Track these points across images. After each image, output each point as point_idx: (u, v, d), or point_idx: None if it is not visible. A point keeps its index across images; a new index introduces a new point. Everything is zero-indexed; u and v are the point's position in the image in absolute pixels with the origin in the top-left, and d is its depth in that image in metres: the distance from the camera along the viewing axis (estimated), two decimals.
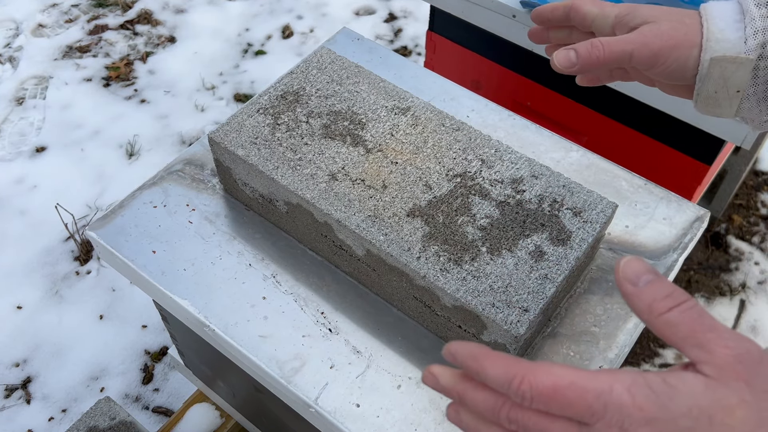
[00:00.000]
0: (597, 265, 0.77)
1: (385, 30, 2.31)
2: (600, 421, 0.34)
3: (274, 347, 0.71)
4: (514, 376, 0.35)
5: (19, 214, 1.79)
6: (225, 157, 0.78)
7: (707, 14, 0.50)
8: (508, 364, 0.36)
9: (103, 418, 1.02)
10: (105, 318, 1.59)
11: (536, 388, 0.35)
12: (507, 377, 0.35)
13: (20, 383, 1.50)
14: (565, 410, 0.34)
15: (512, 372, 0.35)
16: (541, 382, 0.34)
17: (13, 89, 2.11)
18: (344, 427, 0.65)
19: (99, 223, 0.80)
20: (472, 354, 0.37)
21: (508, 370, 0.36)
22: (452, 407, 0.40)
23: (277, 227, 0.81)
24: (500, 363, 0.36)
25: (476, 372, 0.37)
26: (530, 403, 0.35)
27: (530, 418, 0.36)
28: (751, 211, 1.88)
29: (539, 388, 0.34)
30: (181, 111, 2.04)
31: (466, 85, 0.96)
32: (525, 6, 1.10)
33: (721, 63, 0.49)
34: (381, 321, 0.73)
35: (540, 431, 0.36)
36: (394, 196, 0.72)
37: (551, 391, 0.34)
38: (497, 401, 0.37)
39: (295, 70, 0.84)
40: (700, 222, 0.82)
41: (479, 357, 0.37)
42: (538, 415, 0.35)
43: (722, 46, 0.48)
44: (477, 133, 0.78)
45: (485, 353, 0.37)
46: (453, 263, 0.67)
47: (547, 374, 0.35)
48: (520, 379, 0.35)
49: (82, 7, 2.38)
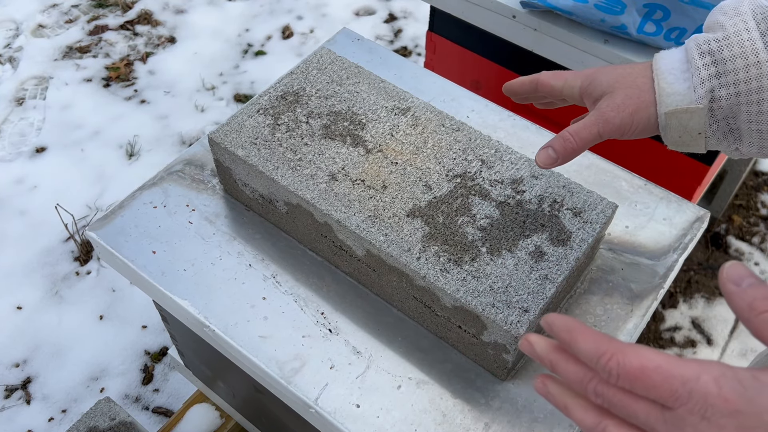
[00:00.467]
0: (597, 265, 0.77)
1: (385, 30, 2.31)
2: (683, 407, 0.34)
3: (274, 348, 0.71)
4: (605, 352, 0.36)
5: (19, 214, 1.79)
6: (225, 157, 0.78)
7: (657, 69, 0.54)
8: (599, 339, 0.37)
9: (103, 418, 1.02)
10: (105, 318, 1.59)
11: (623, 366, 0.35)
12: (597, 352, 0.37)
13: (20, 383, 1.50)
14: (650, 391, 0.35)
15: (603, 348, 0.36)
16: (629, 362, 0.35)
17: (13, 89, 2.11)
18: (344, 427, 0.65)
19: (99, 223, 0.80)
20: (567, 326, 0.39)
21: (598, 345, 0.37)
22: (540, 380, 0.41)
23: (277, 228, 0.81)
24: (592, 338, 0.37)
25: (569, 344, 0.38)
26: (616, 380, 0.36)
27: (615, 394, 0.37)
28: (751, 211, 1.88)
29: (626, 367, 0.35)
30: (181, 111, 2.04)
31: (466, 86, 0.96)
32: (525, 6, 1.10)
33: (676, 115, 0.53)
34: (381, 321, 0.73)
35: (624, 408, 0.36)
36: (394, 196, 0.72)
37: (638, 372, 0.35)
38: (586, 374, 0.38)
39: (295, 71, 0.84)
40: (700, 222, 0.82)
41: (573, 330, 0.38)
42: (624, 392, 0.36)
43: (674, 100, 0.52)
44: (477, 133, 0.78)
45: (579, 328, 0.38)
46: (453, 264, 0.67)
47: (636, 355, 0.35)
48: (609, 355, 0.36)
49: (82, 8, 2.38)
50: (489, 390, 0.68)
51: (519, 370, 0.69)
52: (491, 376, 0.69)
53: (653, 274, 0.77)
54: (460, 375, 0.69)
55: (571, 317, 0.39)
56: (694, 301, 1.68)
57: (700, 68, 0.51)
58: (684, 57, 0.53)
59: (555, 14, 1.09)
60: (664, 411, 0.35)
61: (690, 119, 0.53)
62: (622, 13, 1.00)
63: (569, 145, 0.57)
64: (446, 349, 0.71)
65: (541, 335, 0.41)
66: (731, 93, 0.50)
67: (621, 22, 1.01)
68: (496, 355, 0.67)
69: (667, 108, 0.53)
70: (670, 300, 1.69)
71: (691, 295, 1.70)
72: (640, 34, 1.01)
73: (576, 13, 1.03)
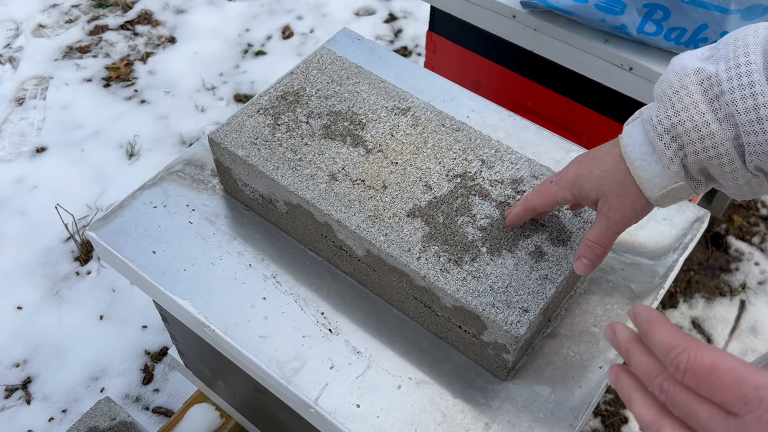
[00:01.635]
0: None
1: (385, 30, 2.31)
2: (750, 414, 0.33)
3: (274, 347, 0.71)
4: (677, 346, 0.36)
5: (19, 214, 1.79)
6: (225, 157, 0.78)
7: (628, 160, 0.57)
8: (676, 334, 0.37)
9: (103, 418, 1.02)
10: (105, 318, 1.59)
11: (693, 362, 0.35)
12: (670, 345, 0.37)
13: (20, 383, 1.50)
14: (716, 393, 0.34)
15: (677, 342, 0.37)
16: (701, 359, 0.35)
17: (14, 89, 2.11)
18: (344, 427, 0.65)
19: (99, 223, 0.80)
20: (650, 317, 0.39)
21: (673, 339, 0.37)
22: (614, 369, 0.42)
23: (277, 227, 0.81)
24: (669, 331, 0.37)
25: (645, 333, 0.39)
26: (683, 375, 0.36)
27: (680, 392, 0.36)
28: (751, 211, 1.88)
29: (696, 363, 0.35)
30: (181, 111, 2.04)
31: (466, 86, 0.96)
32: (525, 6, 1.10)
33: (665, 196, 0.56)
34: (381, 321, 0.73)
35: (686, 407, 0.36)
36: (394, 196, 0.72)
37: (708, 370, 0.35)
38: (656, 368, 0.38)
39: (295, 71, 0.84)
40: (700, 222, 0.82)
41: (653, 321, 0.38)
42: (689, 392, 0.36)
43: (654, 183, 0.56)
44: (477, 133, 0.78)
45: (661, 320, 0.38)
46: (453, 263, 0.67)
47: (710, 354, 0.35)
48: (681, 349, 0.36)
49: (82, 8, 2.38)
50: (489, 390, 0.68)
51: (519, 370, 0.69)
52: (491, 376, 0.69)
53: (653, 274, 0.77)
54: (460, 375, 0.69)
55: (657, 311, 0.39)
56: (694, 301, 1.68)
57: (663, 149, 0.54)
58: (646, 139, 0.55)
59: (555, 14, 1.09)
60: (729, 417, 0.34)
61: (677, 193, 0.56)
62: (622, 13, 1.00)
63: (597, 251, 0.61)
64: (446, 349, 0.71)
65: (626, 325, 0.42)
66: (696, 160, 0.53)
67: (621, 22, 1.01)
68: (496, 355, 0.67)
69: (654, 193, 0.56)
70: (670, 300, 1.69)
71: (691, 295, 1.70)
72: (640, 34, 1.01)
73: (576, 13, 1.03)
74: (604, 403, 1.52)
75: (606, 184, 0.58)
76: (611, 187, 0.58)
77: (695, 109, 0.51)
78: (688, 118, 0.52)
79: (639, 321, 0.40)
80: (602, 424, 1.49)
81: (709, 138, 0.51)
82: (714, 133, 0.51)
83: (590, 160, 0.60)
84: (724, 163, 0.51)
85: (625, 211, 0.58)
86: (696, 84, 0.52)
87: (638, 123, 0.57)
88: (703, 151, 0.52)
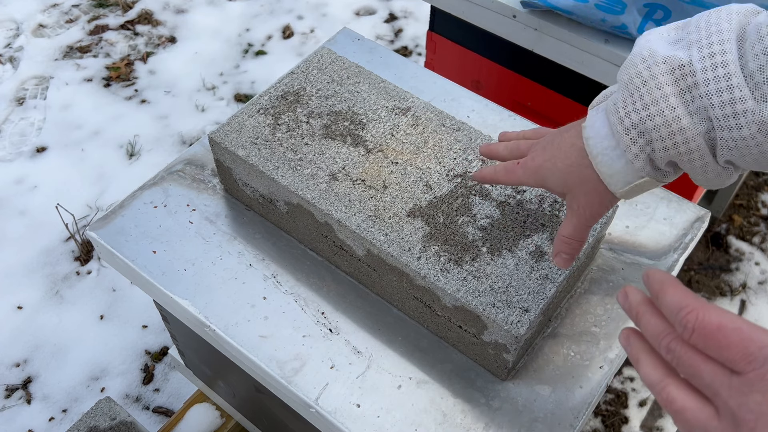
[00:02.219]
0: (597, 265, 0.77)
1: (386, 30, 2.31)
2: (754, 372, 0.33)
3: (274, 347, 0.71)
4: (686, 306, 0.36)
5: (19, 214, 1.79)
6: (225, 157, 0.78)
7: (590, 154, 0.54)
8: (686, 295, 0.37)
9: (103, 418, 1.02)
10: (105, 318, 1.59)
11: (701, 320, 0.35)
12: (679, 305, 0.37)
13: (21, 383, 1.50)
14: (722, 351, 0.34)
15: (686, 302, 0.37)
16: (709, 318, 0.35)
17: (14, 89, 2.11)
18: (344, 427, 0.65)
19: (99, 223, 0.80)
20: (662, 279, 0.39)
21: (683, 299, 0.37)
22: (624, 332, 0.42)
23: (277, 227, 0.81)
24: (680, 293, 0.38)
25: (657, 295, 0.39)
26: (690, 335, 0.36)
27: (686, 351, 0.36)
28: (752, 211, 1.88)
29: (704, 322, 0.35)
30: (181, 111, 2.04)
31: (466, 86, 0.96)
32: (525, 6, 1.10)
33: (630, 191, 0.54)
34: (381, 321, 0.73)
35: (691, 366, 0.36)
36: (394, 196, 0.72)
37: (715, 329, 0.35)
38: (665, 329, 0.38)
39: (295, 71, 0.84)
40: (701, 222, 0.82)
41: (665, 282, 0.39)
42: (694, 351, 0.36)
43: (618, 179, 0.53)
44: (477, 133, 0.78)
45: (673, 282, 0.38)
46: (453, 263, 0.67)
47: (717, 314, 0.35)
48: (690, 309, 0.36)
49: (82, 8, 2.38)
50: (489, 390, 0.68)
51: (519, 370, 0.69)
52: (491, 376, 0.69)
53: None
54: (461, 375, 0.69)
55: (670, 274, 0.39)
56: None
57: (629, 144, 0.51)
58: (609, 132, 0.52)
59: (555, 14, 1.09)
60: (732, 375, 0.34)
61: (642, 187, 0.54)
62: (622, 12, 1.00)
63: (574, 245, 0.60)
64: (446, 349, 0.71)
65: (638, 289, 0.42)
66: (665, 155, 0.50)
67: (621, 21, 1.01)
68: (496, 355, 0.67)
69: (618, 189, 0.54)
70: None
71: None
72: (640, 33, 1.01)
73: (576, 12, 1.03)
74: (605, 403, 1.52)
75: (571, 181, 0.56)
76: (577, 185, 0.56)
77: (665, 102, 0.48)
78: (658, 113, 0.48)
79: (651, 282, 0.40)
80: (602, 424, 1.49)
81: (680, 133, 0.48)
82: (685, 128, 0.48)
83: (555, 150, 0.58)
84: (695, 158, 0.49)
85: (594, 207, 0.57)
86: (667, 73, 0.48)
87: (602, 112, 0.54)
88: (673, 147, 0.49)
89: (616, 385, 1.54)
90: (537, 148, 0.60)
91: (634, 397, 1.52)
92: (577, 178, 0.56)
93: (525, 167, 0.61)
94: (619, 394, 1.53)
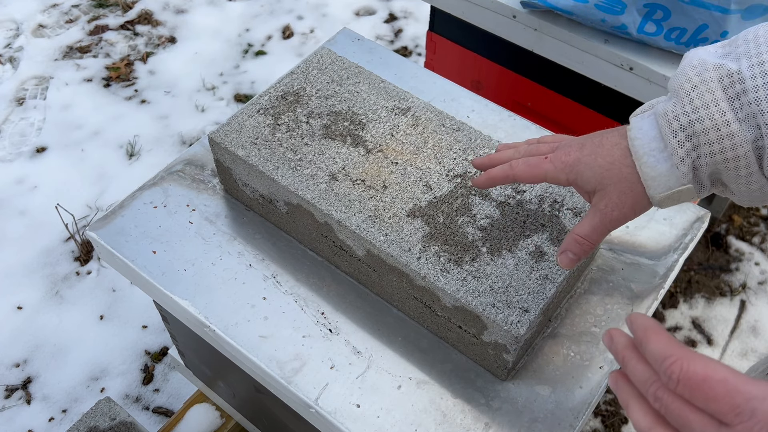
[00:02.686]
0: (597, 265, 0.77)
1: (386, 30, 2.31)
2: (741, 425, 0.33)
3: (274, 347, 0.71)
4: (671, 355, 0.36)
5: (19, 214, 1.79)
6: (225, 157, 0.78)
7: (635, 154, 0.53)
8: (670, 344, 0.37)
9: (103, 418, 1.02)
10: (105, 318, 1.59)
11: (686, 372, 0.35)
12: (663, 354, 0.37)
13: (20, 383, 1.50)
14: (709, 403, 0.34)
15: (670, 351, 0.37)
16: (693, 369, 0.35)
17: (14, 89, 2.11)
18: (344, 427, 0.65)
19: (99, 223, 0.80)
20: (645, 325, 0.39)
21: (667, 348, 0.37)
22: (613, 375, 0.42)
23: (277, 228, 0.81)
24: (663, 341, 0.37)
25: (640, 342, 0.39)
26: (676, 385, 0.36)
27: (674, 401, 0.36)
28: (752, 211, 1.88)
29: (689, 374, 0.35)
30: (181, 111, 2.04)
31: (466, 86, 0.96)
32: (525, 6, 1.10)
33: (669, 197, 0.53)
34: (381, 321, 0.73)
35: (680, 417, 0.36)
36: (394, 196, 0.72)
37: (701, 380, 0.35)
38: (651, 376, 0.38)
39: (295, 71, 0.84)
40: (701, 222, 0.82)
41: (649, 330, 0.39)
42: (683, 401, 0.36)
43: (660, 182, 0.52)
44: (477, 133, 0.78)
45: (656, 329, 0.38)
46: (453, 264, 0.67)
47: (703, 364, 0.35)
48: (674, 359, 0.36)
49: (82, 8, 2.38)
50: (489, 390, 0.68)
51: (519, 370, 0.69)
52: (491, 376, 0.69)
53: (653, 274, 0.77)
54: (460, 375, 0.69)
55: (654, 320, 0.39)
56: (695, 301, 1.68)
57: (676, 147, 0.50)
58: (657, 134, 0.52)
59: (555, 14, 1.09)
60: (721, 427, 0.34)
61: (680, 196, 0.53)
62: (622, 13, 1.00)
63: (585, 247, 0.58)
64: (446, 349, 0.71)
65: (623, 332, 0.42)
66: (710, 162, 0.50)
67: (621, 22, 1.01)
68: (496, 355, 0.67)
69: (657, 193, 0.53)
70: (671, 300, 1.69)
71: (692, 295, 1.70)
72: (640, 34, 1.01)
73: (576, 13, 1.03)
74: (604, 403, 1.52)
75: (609, 178, 0.55)
76: (614, 182, 0.54)
77: (715, 106, 0.48)
78: (708, 116, 0.48)
79: (634, 329, 0.40)
80: (602, 424, 1.49)
81: (728, 138, 0.48)
82: (734, 133, 0.47)
83: (595, 147, 0.56)
84: (741, 166, 0.48)
85: (624, 210, 0.55)
86: (716, 80, 0.48)
87: (650, 116, 0.54)
88: (720, 152, 0.48)
89: None
90: (570, 145, 0.59)
91: None
92: (615, 176, 0.54)
93: (557, 161, 0.58)
94: None
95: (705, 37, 0.98)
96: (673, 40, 1.01)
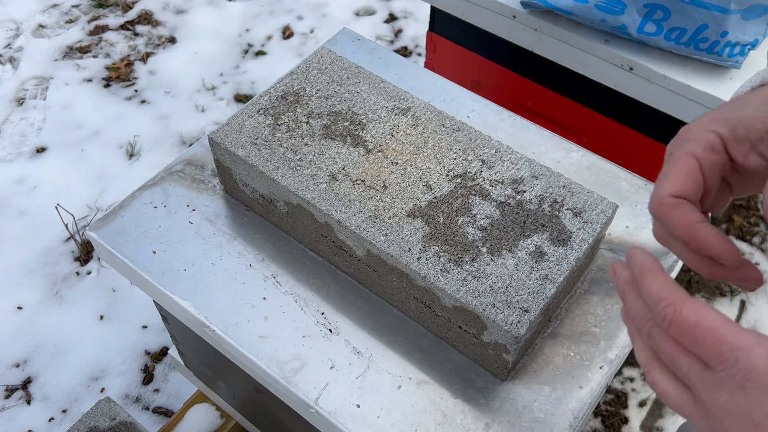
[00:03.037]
0: (597, 265, 0.77)
1: (386, 30, 2.31)
2: (724, 372, 0.34)
3: (274, 347, 0.71)
4: (665, 298, 0.37)
5: (19, 214, 1.79)
6: (225, 157, 0.78)
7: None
8: (665, 285, 0.37)
9: (103, 418, 1.02)
10: (105, 318, 1.59)
11: (678, 316, 0.36)
12: (658, 296, 0.37)
13: (20, 384, 1.50)
14: (697, 348, 0.35)
15: (665, 294, 0.37)
16: (686, 314, 0.36)
17: (14, 90, 2.11)
18: (344, 427, 0.65)
19: (99, 223, 0.80)
20: (643, 263, 0.39)
21: (662, 290, 0.37)
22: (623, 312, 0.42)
23: (277, 228, 0.81)
24: (660, 282, 0.38)
25: (637, 280, 0.39)
26: (668, 327, 0.36)
27: (665, 341, 0.37)
28: (752, 211, 1.88)
29: (681, 318, 0.36)
30: (181, 111, 2.04)
31: (466, 86, 0.96)
32: (525, 6, 1.10)
33: None
34: (381, 321, 0.73)
35: (669, 355, 0.37)
36: (394, 196, 0.72)
37: (691, 326, 0.35)
38: (646, 314, 0.39)
39: (295, 71, 0.84)
40: None
41: (645, 269, 0.39)
42: (673, 341, 0.37)
43: None
44: (477, 133, 0.78)
45: (653, 268, 0.39)
46: (453, 264, 0.67)
47: (695, 310, 0.36)
48: (668, 302, 0.36)
49: (82, 8, 2.38)
50: (489, 390, 0.68)
51: (519, 370, 0.69)
52: (491, 376, 0.69)
53: None
54: (460, 375, 0.69)
55: (652, 257, 0.39)
56: None
57: None
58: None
59: (555, 14, 1.09)
60: (706, 370, 0.35)
61: None
62: (622, 13, 1.00)
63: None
64: (446, 349, 0.71)
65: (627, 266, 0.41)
66: None
67: (621, 22, 1.01)
68: (496, 355, 0.67)
69: None
70: None
71: (692, 295, 1.70)
72: (640, 34, 1.01)
73: (576, 13, 1.03)
74: (605, 404, 1.52)
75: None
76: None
77: None
78: None
79: (632, 266, 0.40)
80: (602, 424, 1.49)
81: None
82: None
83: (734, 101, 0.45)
84: None
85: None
86: None
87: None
88: None
89: (616, 385, 1.54)
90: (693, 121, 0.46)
91: (634, 398, 1.52)
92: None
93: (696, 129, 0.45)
94: (619, 395, 1.53)
95: (705, 37, 0.98)
96: (673, 40, 1.01)
